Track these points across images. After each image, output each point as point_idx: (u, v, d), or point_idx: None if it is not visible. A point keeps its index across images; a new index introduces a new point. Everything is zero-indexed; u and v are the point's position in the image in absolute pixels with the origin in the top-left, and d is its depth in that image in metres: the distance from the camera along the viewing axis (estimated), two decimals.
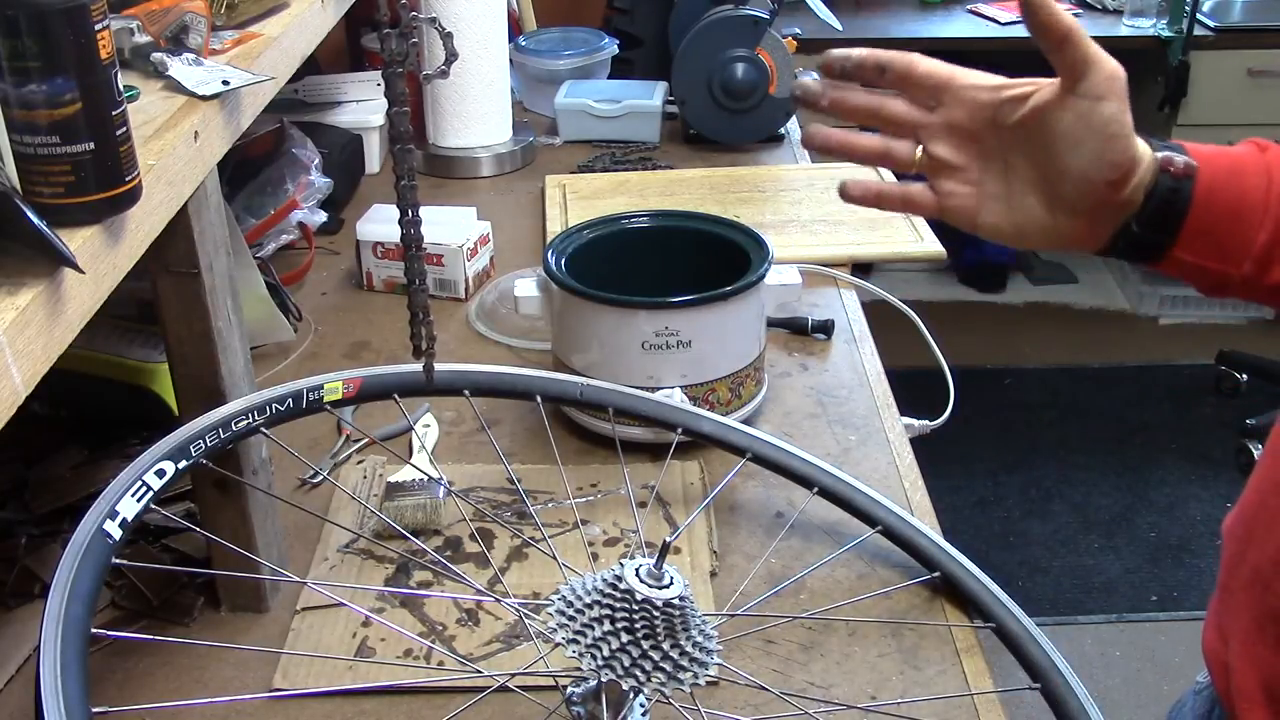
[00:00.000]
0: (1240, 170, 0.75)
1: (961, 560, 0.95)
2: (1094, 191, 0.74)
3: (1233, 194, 0.74)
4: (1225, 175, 0.74)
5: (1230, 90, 3.08)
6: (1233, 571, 0.83)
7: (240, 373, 0.88)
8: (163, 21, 0.85)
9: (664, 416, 1.02)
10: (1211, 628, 0.85)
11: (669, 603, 0.70)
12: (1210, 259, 0.75)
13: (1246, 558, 0.81)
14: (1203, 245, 0.75)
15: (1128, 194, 0.74)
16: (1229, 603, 0.83)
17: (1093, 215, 0.75)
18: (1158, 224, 0.74)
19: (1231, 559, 0.83)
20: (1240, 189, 0.74)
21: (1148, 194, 0.74)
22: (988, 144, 0.77)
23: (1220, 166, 0.75)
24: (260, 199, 1.47)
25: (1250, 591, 0.80)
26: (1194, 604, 2.52)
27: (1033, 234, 0.77)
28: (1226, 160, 0.75)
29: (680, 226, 1.21)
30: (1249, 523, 0.82)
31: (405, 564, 0.99)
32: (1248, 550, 0.81)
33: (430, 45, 1.60)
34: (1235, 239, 0.74)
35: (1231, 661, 0.81)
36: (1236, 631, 0.81)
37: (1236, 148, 0.77)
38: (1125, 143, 0.72)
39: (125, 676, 0.89)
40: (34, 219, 0.58)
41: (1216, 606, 0.85)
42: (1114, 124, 0.72)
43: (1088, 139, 0.72)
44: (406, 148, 0.77)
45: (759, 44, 1.79)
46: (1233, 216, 0.74)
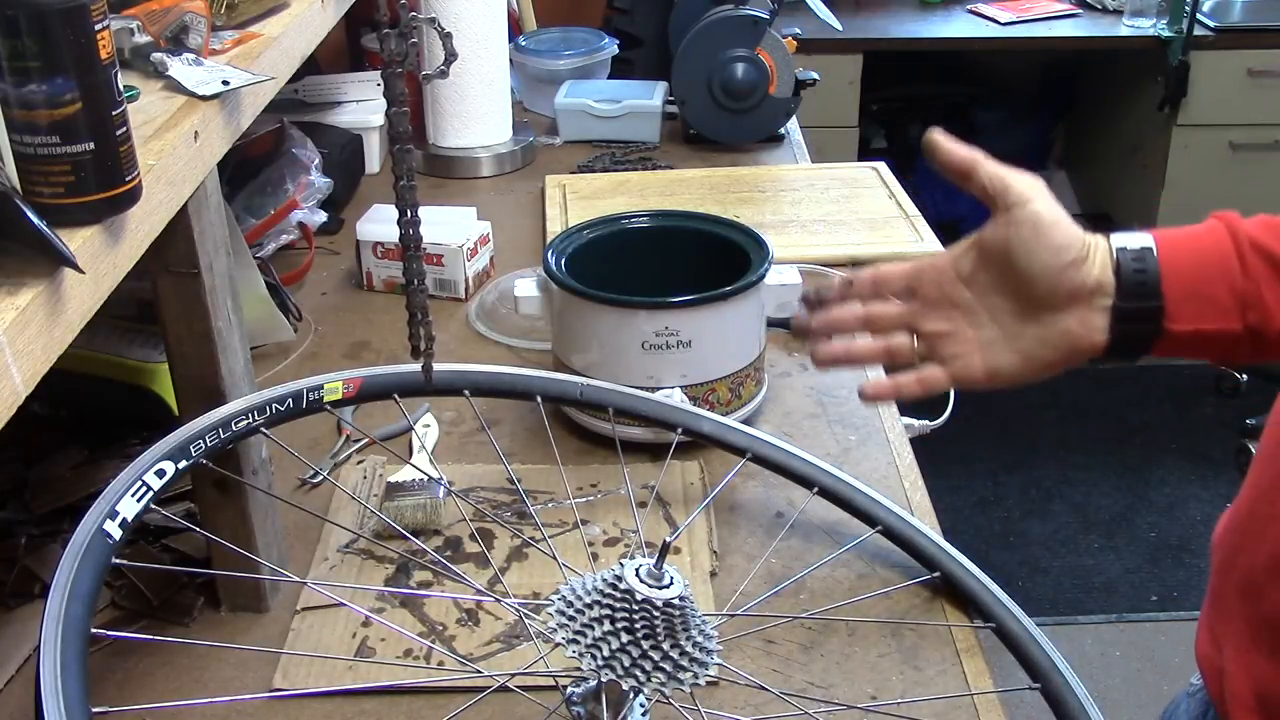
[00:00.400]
0: (1192, 232, 0.79)
1: (961, 560, 0.95)
2: (1061, 280, 0.78)
3: (1194, 246, 0.78)
4: (1182, 237, 0.78)
5: (1230, 90, 3.08)
6: (1224, 578, 0.83)
7: (240, 373, 0.88)
8: (163, 21, 0.85)
9: (664, 416, 1.02)
10: (1205, 633, 0.85)
11: (669, 603, 0.70)
12: (1205, 320, 0.77)
13: (1237, 565, 0.81)
14: (1192, 307, 0.77)
15: (1096, 274, 0.78)
16: (1221, 609, 0.83)
17: (1075, 305, 0.79)
18: (1138, 292, 0.77)
19: (1222, 566, 0.83)
20: (1200, 241, 0.78)
21: (1116, 269, 0.78)
22: (963, 300, 0.83)
23: (1173, 234, 0.79)
24: (260, 199, 1.47)
25: (1243, 599, 0.80)
26: (1194, 604, 2.52)
27: (1039, 353, 0.81)
28: (1177, 231, 0.80)
29: (680, 226, 1.21)
30: (1240, 530, 0.82)
31: (405, 564, 0.99)
32: (1238, 557, 0.81)
33: (430, 45, 1.60)
34: (1219, 289, 0.76)
35: (1225, 667, 0.81)
36: (1229, 638, 0.81)
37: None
38: (1064, 225, 0.79)
39: (125, 676, 0.89)
40: (34, 219, 0.58)
41: (1209, 612, 0.85)
42: (1046, 214, 0.79)
43: (1029, 237, 0.78)
44: (406, 148, 0.77)
45: (759, 44, 1.79)
46: (1205, 267, 0.77)
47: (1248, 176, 3.17)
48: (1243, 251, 0.76)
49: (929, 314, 0.84)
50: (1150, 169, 3.27)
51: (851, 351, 0.87)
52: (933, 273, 0.84)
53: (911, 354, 0.85)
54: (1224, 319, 0.76)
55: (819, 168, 1.77)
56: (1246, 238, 0.76)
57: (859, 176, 1.71)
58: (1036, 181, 0.81)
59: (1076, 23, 3.17)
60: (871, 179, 1.70)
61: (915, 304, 0.85)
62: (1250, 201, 3.56)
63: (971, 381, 0.84)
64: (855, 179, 1.70)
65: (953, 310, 0.83)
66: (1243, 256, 0.76)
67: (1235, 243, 0.76)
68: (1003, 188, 0.80)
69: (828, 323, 0.87)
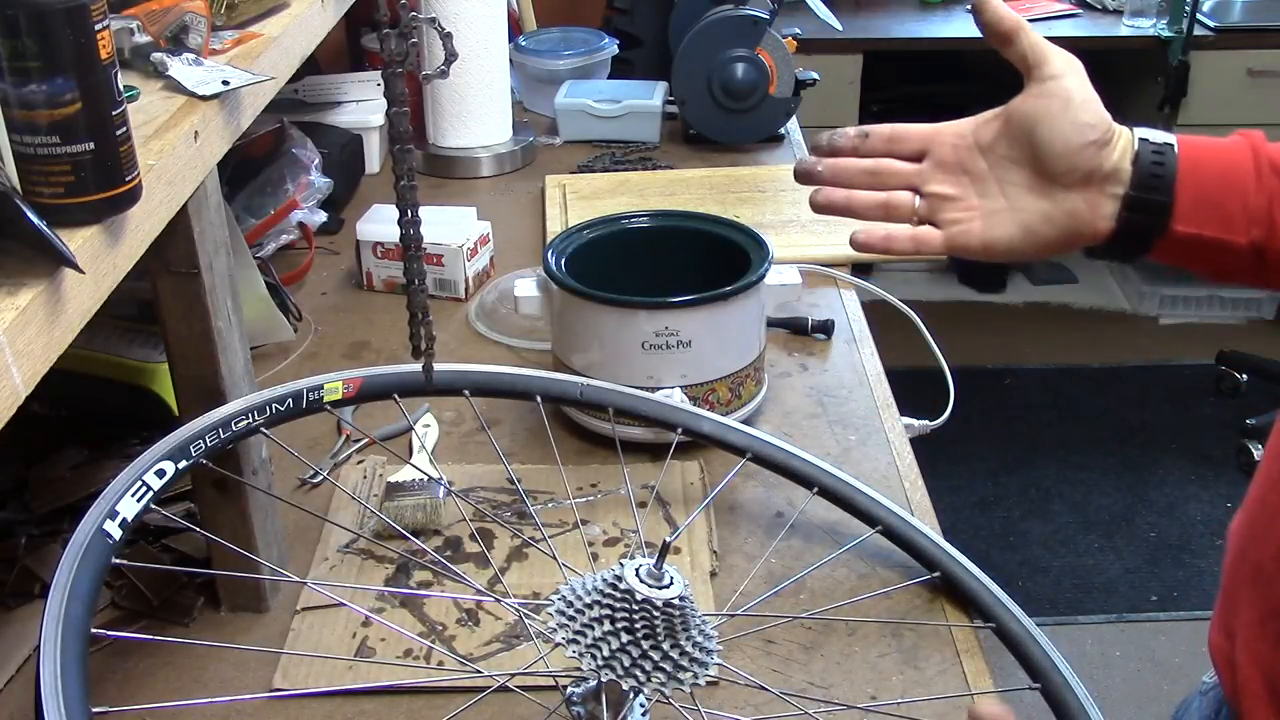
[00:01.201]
0: (1216, 142, 0.78)
1: (961, 560, 0.95)
2: (1080, 158, 0.77)
3: (1216, 155, 0.77)
4: (1204, 144, 0.78)
5: (1230, 90, 3.08)
6: (1236, 569, 0.83)
7: (240, 373, 0.88)
8: (163, 21, 0.85)
9: (664, 416, 1.02)
10: (1217, 625, 0.85)
11: (669, 603, 0.70)
12: (1210, 226, 0.76)
13: (1249, 555, 0.81)
14: (1201, 212, 0.76)
15: (1115, 160, 0.77)
16: (1233, 600, 0.83)
17: (1088, 187, 0.78)
18: (1151, 185, 0.77)
19: (1234, 557, 0.84)
20: (1222, 151, 0.77)
21: (1135, 159, 0.77)
22: (977, 168, 0.82)
23: (1196, 140, 0.78)
24: (260, 199, 1.47)
25: (1254, 588, 0.80)
26: (1194, 604, 2.52)
27: (1040, 229, 0.80)
28: (1201, 138, 0.79)
29: (680, 226, 1.21)
30: (1252, 521, 0.82)
31: (405, 564, 0.99)
32: (1250, 547, 0.81)
33: (430, 45, 1.60)
34: (1231, 201, 0.76)
35: (1236, 659, 0.81)
36: (1240, 629, 0.81)
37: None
38: (1094, 105, 0.78)
39: (125, 676, 0.89)
40: (34, 219, 0.58)
41: (1221, 604, 0.85)
42: (1078, 91, 0.78)
43: (1058, 110, 0.78)
44: (406, 148, 0.77)
45: (759, 44, 1.79)
46: (1222, 177, 0.77)
47: None
48: (1261, 168, 0.76)
49: (938, 176, 0.83)
50: None
51: (851, 200, 0.86)
52: (951, 136, 0.83)
53: (912, 213, 0.85)
54: (1229, 229, 0.76)
55: None
56: (1267, 157, 0.76)
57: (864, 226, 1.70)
58: (1075, 60, 0.79)
59: (1076, 23, 3.17)
60: None
61: (926, 165, 0.84)
62: None
63: (966, 249, 0.83)
64: None
65: (963, 176, 0.83)
66: (1260, 173, 0.76)
67: (1255, 159, 0.76)
68: (1043, 58, 0.79)
69: (834, 169, 0.86)
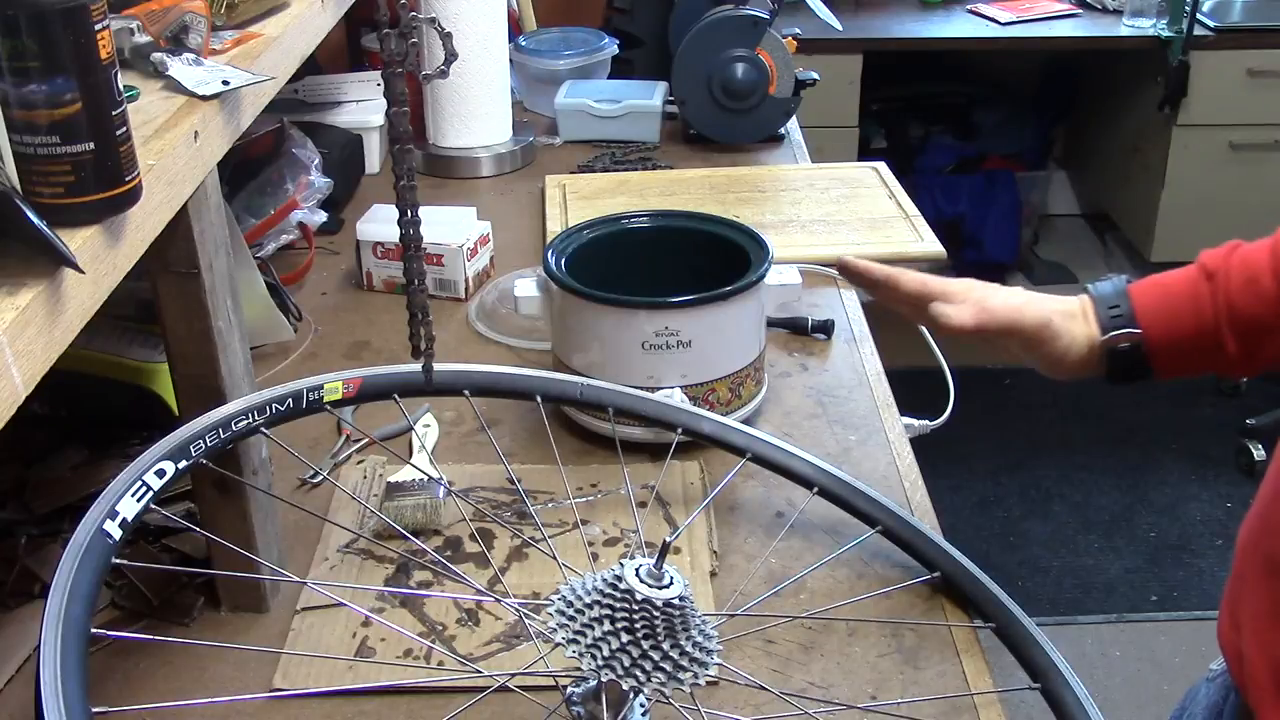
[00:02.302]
0: (1176, 304, 0.86)
1: (961, 560, 0.95)
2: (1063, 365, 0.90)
3: (1181, 324, 0.85)
4: (1166, 317, 0.86)
5: (1230, 90, 3.08)
6: (1246, 560, 0.83)
7: (240, 373, 0.88)
8: (163, 21, 0.85)
9: (664, 416, 1.02)
10: (1225, 616, 0.86)
11: (669, 603, 0.70)
12: (1191, 370, 0.87)
13: (1260, 546, 0.81)
14: (1179, 366, 0.87)
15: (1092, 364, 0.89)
16: (1242, 591, 0.83)
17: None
18: (1128, 373, 0.88)
19: (1245, 547, 0.84)
20: (1184, 318, 0.85)
21: (1108, 355, 0.87)
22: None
23: (1161, 309, 0.86)
24: (260, 199, 1.47)
25: (1263, 580, 0.80)
26: (1194, 604, 2.52)
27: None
28: (1166, 298, 0.87)
29: (680, 226, 1.21)
30: (1264, 513, 0.82)
31: (405, 564, 0.99)
32: (1261, 539, 0.81)
33: (430, 45, 1.60)
34: (1206, 353, 0.85)
35: (1244, 649, 0.81)
36: (1249, 619, 0.82)
37: (1181, 273, 0.88)
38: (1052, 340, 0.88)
39: (125, 676, 0.89)
40: (34, 219, 0.58)
41: (1230, 595, 0.86)
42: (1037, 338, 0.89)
43: (1010, 346, 0.91)
44: (406, 148, 0.77)
45: (759, 44, 1.79)
46: (1193, 340, 0.85)
47: (1248, 176, 3.17)
48: (1219, 321, 0.84)
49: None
50: (1150, 169, 3.27)
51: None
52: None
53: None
54: (1216, 366, 0.86)
55: (819, 168, 1.77)
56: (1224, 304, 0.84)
57: (859, 176, 1.71)
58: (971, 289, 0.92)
59: (1076, 23, 3.17)
60: (871, 179, 1.70)
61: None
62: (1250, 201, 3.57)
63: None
64: (855, 179, 1.70)
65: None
66: (1218, 326, 0.84)
67: (1215, 309, 0.83)
68: (929, 296, 0.92)
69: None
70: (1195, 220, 3.20)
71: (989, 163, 3.63)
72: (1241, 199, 3.15)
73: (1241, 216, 3.25)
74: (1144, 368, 0.86)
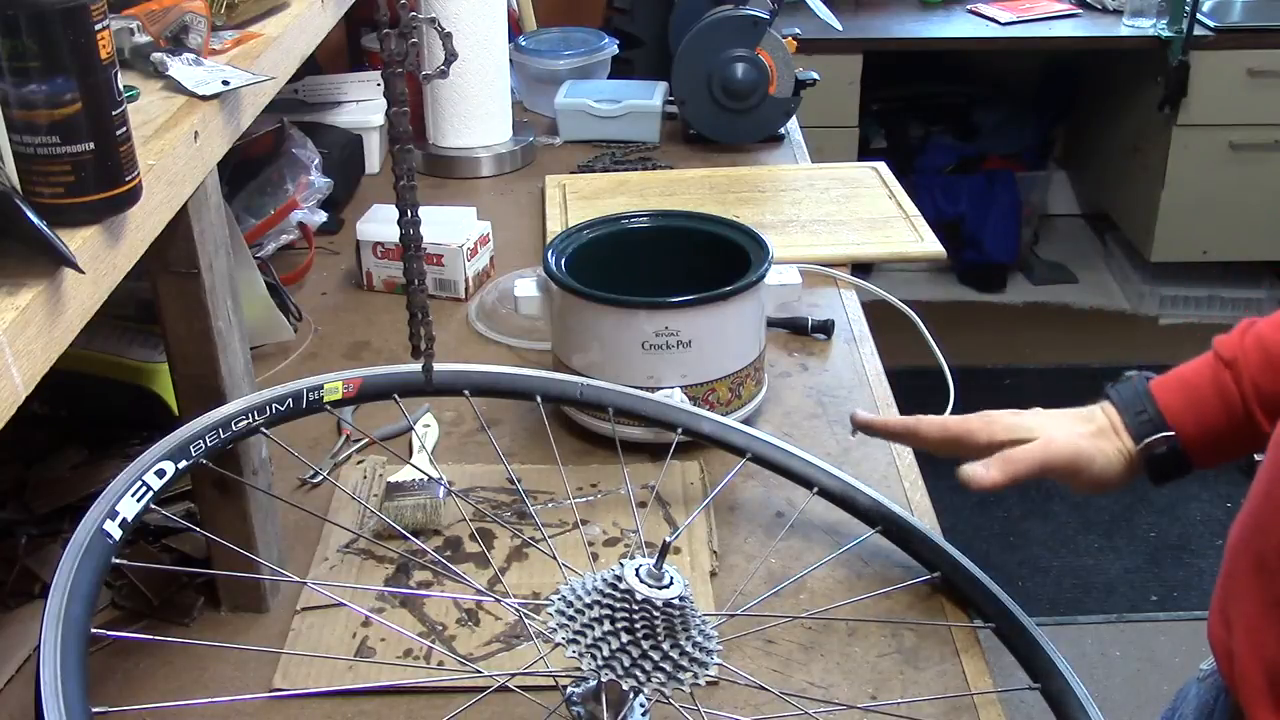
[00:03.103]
0: (1202, 396, 0.88)
1: (961, 560, 0.95)
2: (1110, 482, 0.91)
3: (1211, 416, 0.87)
4: (1196, 413, 0.88)
5: (1230, 90, 3.08)
6: (1238, 559, 0.83)
7: (240, 373, 0.88)
8: (163, 21, 0.85)
9: (664, 416, 1.02)
10: (1216, 615, 0.86)
11: (669, 603, 0.70)
12: (1233, 455, 0.89)
13: (1251, 545, 0.81)
14: (1219, 455, 0.88)
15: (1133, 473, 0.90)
16: (1233, 590, 0.83)
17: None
18: (1170, 473, 0.89)
19: (1236, 546, 0.84)
20: (1213, 410, 0.87)
21: (1147, 462, 0.89)
22: None
23: (1189, 406, 0.88)
24: (260, 199, 1.47)
25: (1255, 579, 0.80)
26: (1194, 604, 2.52)
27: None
28: (1191, 393, 0.89)
29: (680, 226, 1.21)
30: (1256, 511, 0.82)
31: (405, 564, 0.99)
32: (1253, 538, 0.81)
33: (430, 45, 1.60)
34: (1242, 437, 0.86)
35: (1235, 648, 0.81)
36: (1240, 618, 0.81)
37: (1198, 364, 0.90)
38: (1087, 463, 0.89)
39: (125, 676, 0.89)
40: (34, 219, 0.58)
41: (1221, 594, 0.85)
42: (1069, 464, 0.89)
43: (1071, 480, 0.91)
44: (406, 148, 0.77)
45: (759, 44, 1.79)
46: (1227, 429, 0.87)
47: (1248, 176, 3.17)
48: (1249, 408, 0.86)
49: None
50: (1150, 169, 3.27)
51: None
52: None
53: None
54: (1251, 449, 0.86)
55: (819, 168, 1.77)
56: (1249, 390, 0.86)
57: (859, 176, 1.71)
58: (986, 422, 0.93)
59: (1076, 23, 3.17)
60: (871, 179, 1.70)
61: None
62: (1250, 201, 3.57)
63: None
64: (855, 179, 1.70)
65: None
66: (1250, 414, 0.86)
67: (1243, 398, 0.86)
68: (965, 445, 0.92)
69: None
70: (1195, 220, 3.20)
71: (989, 163, 3.63)
72: (1241, 199, 3.15)
73: (1241, 216, 3.25)
74: (1184, 464, 0.88)
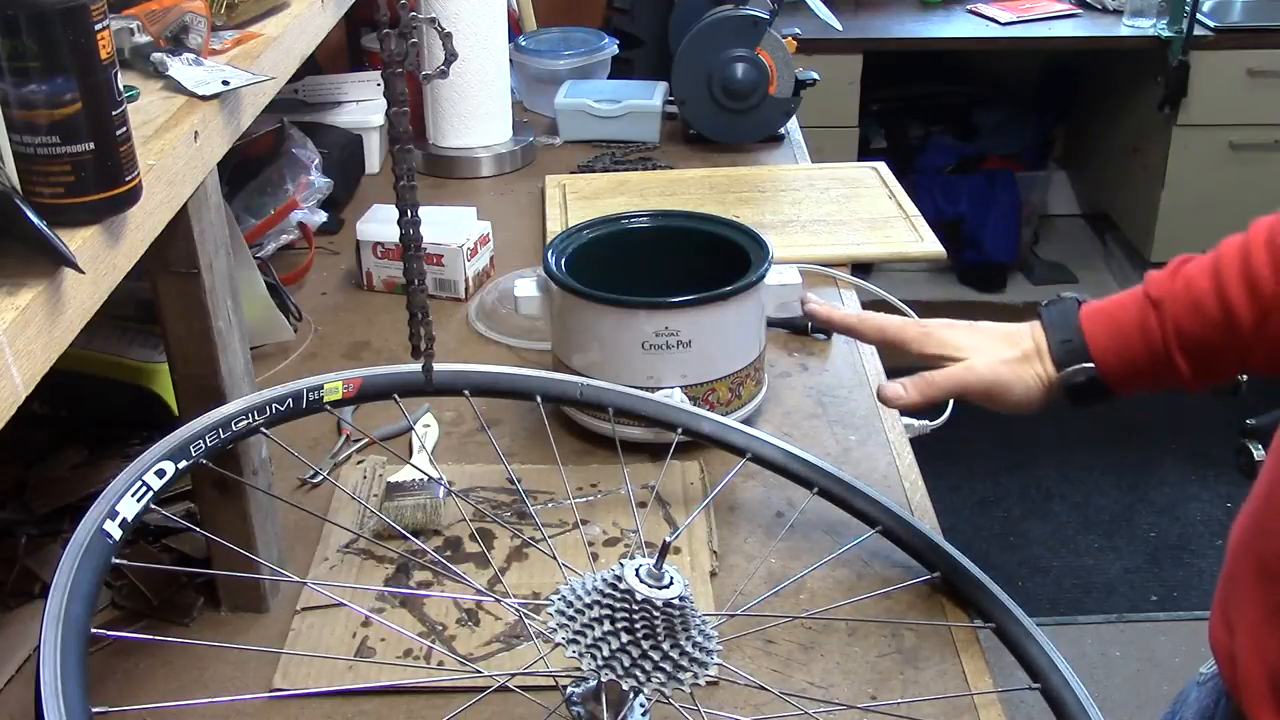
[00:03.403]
0: (1126, 333, 0.89)
1: (961, 560, 0.95)
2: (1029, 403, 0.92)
3: (1132, 353, 0.89)
4: (1119, 348, 0.89)
5: (1230, 90, 3.08)
6: (1239, 563, 0.83)
7: (240, 373, 0.88)
8: (163, 21, 0.85)
9: (664, 416, 1.02)
10: (1218, 618, 0.85)
11: (669, 603, 0.70)
12: (1148, 389, 0.91)
13: (1252, 549, 0.81)
14: (1135, 388, 0.90)
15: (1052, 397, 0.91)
16: (1235, 594, 0.83)
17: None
18: (1088, 399, 0.90)
19: (1237, 550, 0.84)
20: (1135, 347, 0.89)
21: (1066, 389, 0.90)
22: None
23: (1113, 341, 0.89)
24: (260, 199, 1.47)
25: (1257, 583, 0.80)
26: (1194, 604, 2.52)
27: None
28: (1116, 329, 0.90)
29: (680, 226, 1.21)
30: (1257, 515, 0.82)
31: (405, 564, 0.99)
32: (1254, 542, 0.81)
33: (430, 45, 1.60)
34: (1160, 376, 0.89)
35: (1237, 652, 0.81)
36: (1243, 622, 0.81)
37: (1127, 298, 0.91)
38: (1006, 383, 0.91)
39: (125, 676, 0.89)
40: (34, 219, 0.58)
41: (1222, 597, 0.85)
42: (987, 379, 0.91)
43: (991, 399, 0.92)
44: (406, 148, 0.77)
45: (759, 44, 1.79)
46: (1146, 366, 0.89)
47: (1248, 176, 3.17)
48: (1168, 345, 0.88)
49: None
50: (1150, 169, 3.27)
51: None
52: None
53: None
54: (1173, 384, 0.90)
55: (819, 168, 1.77)
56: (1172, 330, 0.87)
57: (859, 176, 1.71)
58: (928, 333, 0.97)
59: (1076, 23, 3.17)
60: (871, 179, 1.70)
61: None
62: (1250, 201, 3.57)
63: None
64: (855, 179, 1.70)
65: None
66: (1168, 351, 0.88)
67: (1164, 336, 0.88)
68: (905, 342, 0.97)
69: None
70: (1195, 220, 3.20)
71: (989, 163, 3.63)
72: (1241, 199, 3.15)
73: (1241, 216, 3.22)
74: (1102, 392, 0.90)
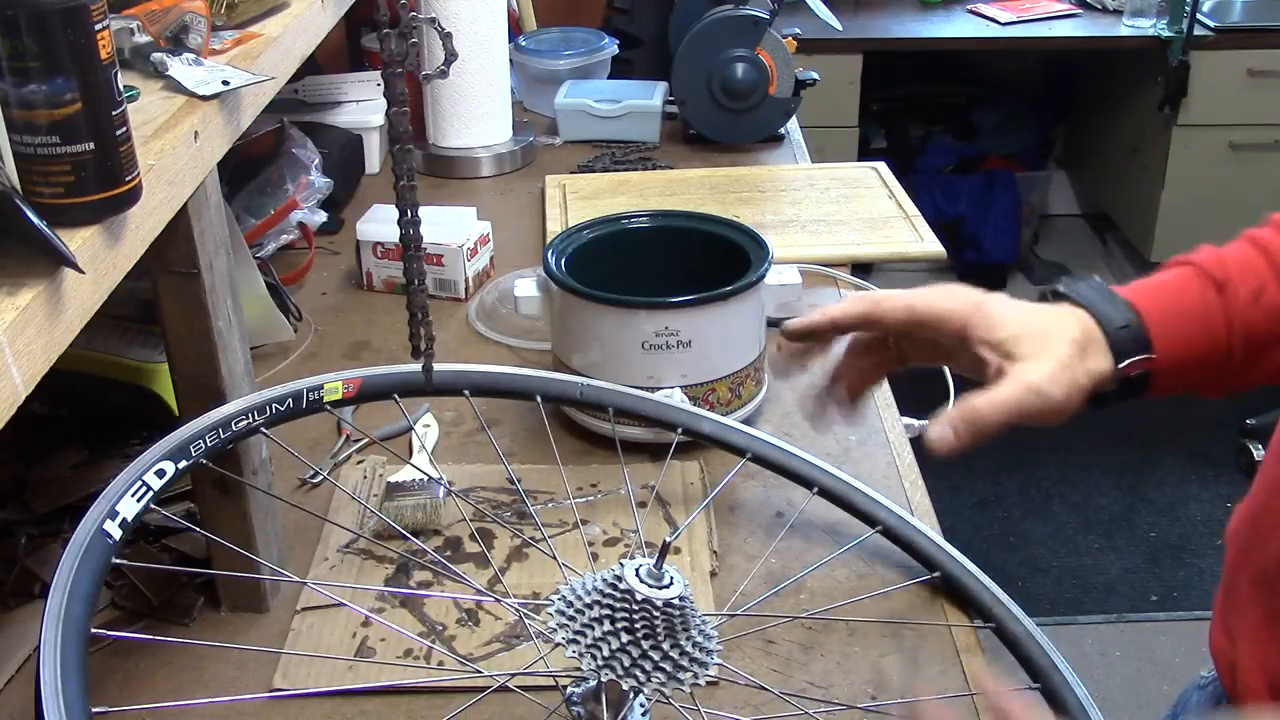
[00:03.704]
0: (1190, 320, 0.76)
1: (961, 560, 0.95)
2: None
3: (1193, 343, 0.76)
4: (1183, 337, 0.76)
5: (1230, 90, 3.08)
6: (1238, 571, 0.83)
7: (240, 373, 0.88)
8: (163, 21, 0.85)
9: (664, 416, 1.02)
10: (1218, 625, 0.85)
11: (669, 603, 0.70)
12: (1181, 389, 0.80)
13: (1252, 558, 0.81)
14: (1179, 384, 0.78)
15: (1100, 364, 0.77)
16: (1235, 602, 0.83)
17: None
18: (1113, 399, 0.78)
19: (1236, 558, 0.84)
20: (1196, 337, 0.76)
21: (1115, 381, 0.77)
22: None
23: (1177, 329, 0.76)
24: (260, 199, 1.47)
25: (1256, 591, 0.80)
26: (1194, 604, 2.52)
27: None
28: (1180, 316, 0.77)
29: (680, 226, 1.21)
30: (1255, 523, 0.82)
31: (405, 564, 0.99)
32: (1253, 550, 0.81)
33: (430, 45, 1.60)
34: (1206, 371, 0.78)
35: (1238, 660, 0.81)
36: (1244, 631, 0.81)
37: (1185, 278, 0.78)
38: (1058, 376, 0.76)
39: (125, 676, 0.89)
40: (34, 219, 0.58)
41: (1222, 605, 0.85)
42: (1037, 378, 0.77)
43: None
44: (406, 148, 0.77)
45: (759, 44, 1.79)
46: (1201, 359, 0.77)
47: (1248, 176, 3.17)
48: (1232, 342, 0.77)
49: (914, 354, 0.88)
50: (1150, 169, 3.27)
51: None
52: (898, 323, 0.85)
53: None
54: (1213, 389, 0.80)
55: (819, 168, 1.77)
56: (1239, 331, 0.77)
57: (859, 176, 1.71)
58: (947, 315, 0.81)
59: (1076, 23, 3.17)
60: (871, 179, 1.70)
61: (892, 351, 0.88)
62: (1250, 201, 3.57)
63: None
64: (855, 179, 1.70)
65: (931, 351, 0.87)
66: (1230, 348, 0.77)
67: (1229, 330, 0.77)
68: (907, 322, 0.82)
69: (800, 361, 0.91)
70: (1195, 220, 3.20)
71: (989, 163, 3.64)
72: (1241, 199, 3.15)
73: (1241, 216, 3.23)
74: (1133, 393, 0.78)
